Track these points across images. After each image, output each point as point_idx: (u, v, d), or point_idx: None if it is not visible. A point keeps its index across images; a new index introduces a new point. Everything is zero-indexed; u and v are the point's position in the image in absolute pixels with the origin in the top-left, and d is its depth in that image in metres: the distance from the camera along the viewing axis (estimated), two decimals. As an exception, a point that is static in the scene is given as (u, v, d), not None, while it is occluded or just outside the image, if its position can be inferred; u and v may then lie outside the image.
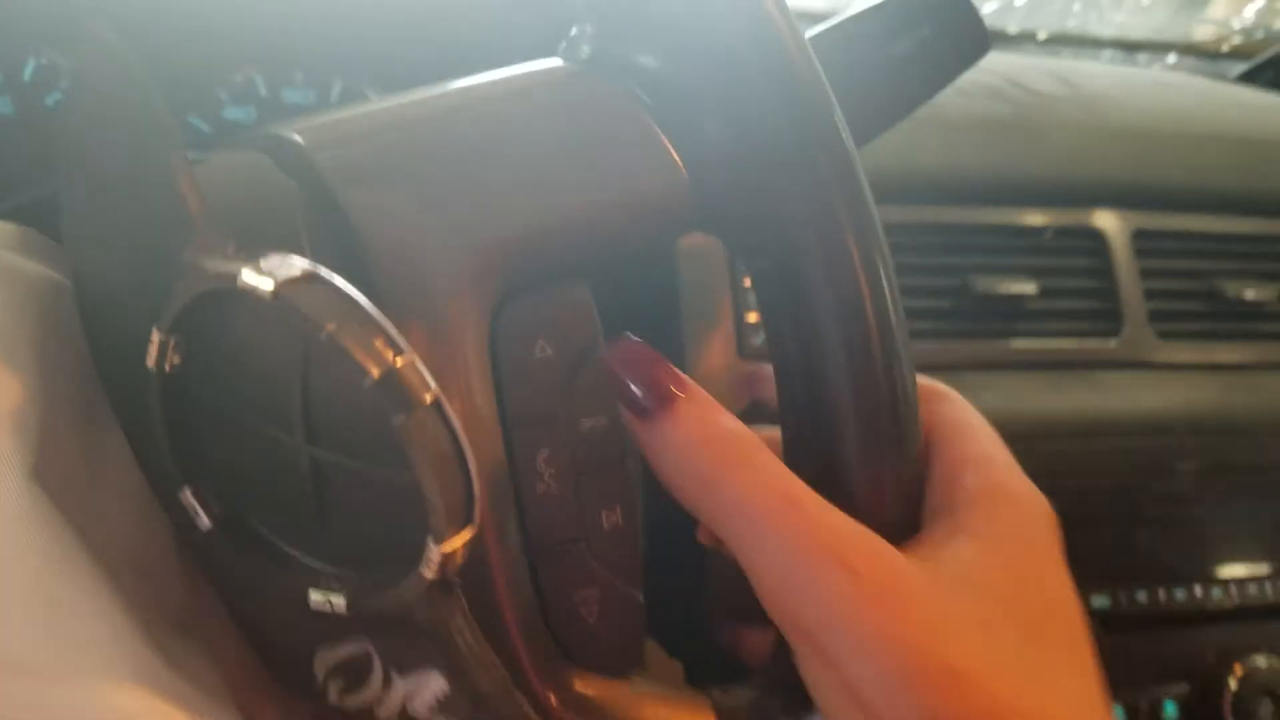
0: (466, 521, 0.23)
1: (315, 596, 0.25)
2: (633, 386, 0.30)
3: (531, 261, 0.30)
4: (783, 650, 0.31)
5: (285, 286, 0.22)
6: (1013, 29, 1.06)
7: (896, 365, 0.30)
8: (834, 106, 0.30)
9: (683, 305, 0.54)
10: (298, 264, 0.23)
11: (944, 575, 0.28)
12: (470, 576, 0.26)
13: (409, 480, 0.23)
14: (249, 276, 0.22)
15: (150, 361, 0.24)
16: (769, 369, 0.33)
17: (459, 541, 0.23)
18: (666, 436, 0.29)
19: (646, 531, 0.34)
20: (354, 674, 0.26)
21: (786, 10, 0.30)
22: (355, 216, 0.28)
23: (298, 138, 0.30)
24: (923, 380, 0.34)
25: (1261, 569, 0.60)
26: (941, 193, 0.64)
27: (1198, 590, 0.58)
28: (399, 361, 0.22)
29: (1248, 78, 0.92)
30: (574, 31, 0.34)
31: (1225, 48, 1.05)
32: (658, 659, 0.43)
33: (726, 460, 0.28)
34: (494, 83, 0.33)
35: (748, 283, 0.56)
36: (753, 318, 0.55)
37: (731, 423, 0.29)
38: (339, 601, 0.24)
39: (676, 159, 0.31)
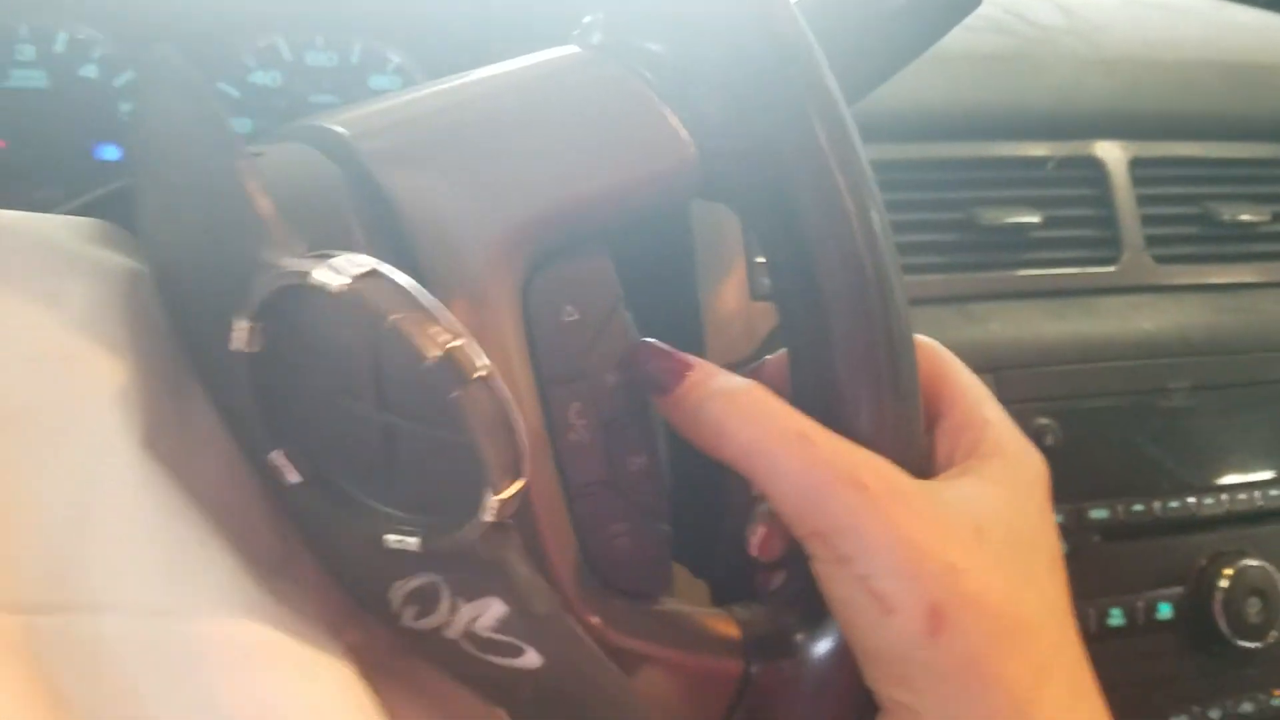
0: (517, 474, 0.27)
1: (391, 539, 0.29)
2: (652, 373, 0.33)
3: (556, 234, 0.33)
4: (795, 572, 0.35)
5: (354, 283, 0.26)
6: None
7: (893, 308, 0.33)
8: (827, 75, 0.33)
9: (696, 255, 0.57)
10: (364, 261, 0.26)
11: (944, 495, 0.32)
12: (517, 515, 0.30)
13: (467, 441, 0.26)
14: (321, 274, 0.26)
15: (237, 345, 0.28)
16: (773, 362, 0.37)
17: (511, 490, 0.27)
18: (681, 402, 0.32)
19: (672, 470, 0.38)
20: (425, 601, 0.30)
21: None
22: (397, 199, 0.32)
23: (341, 129, 0.33)
24: (921, 340, 0.37)
25: (1250, 478, 0.64)
26: (946, 128, 0.67)
27: (1190, 500, 0.62)
28: (453, 344, 0.26)
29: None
30: (586, 20, 0.37)
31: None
32: (686, 582, 0.47)
33: (735, 409, 0.32)
34: (515, 71, 0.36)
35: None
36: (762, 259, 0.59)
37: (734, 379, 0.33)
38: (412, 542, 0.28)
39: (683, 133, 0.34)
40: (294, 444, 0.29)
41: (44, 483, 0.27)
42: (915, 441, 0.35)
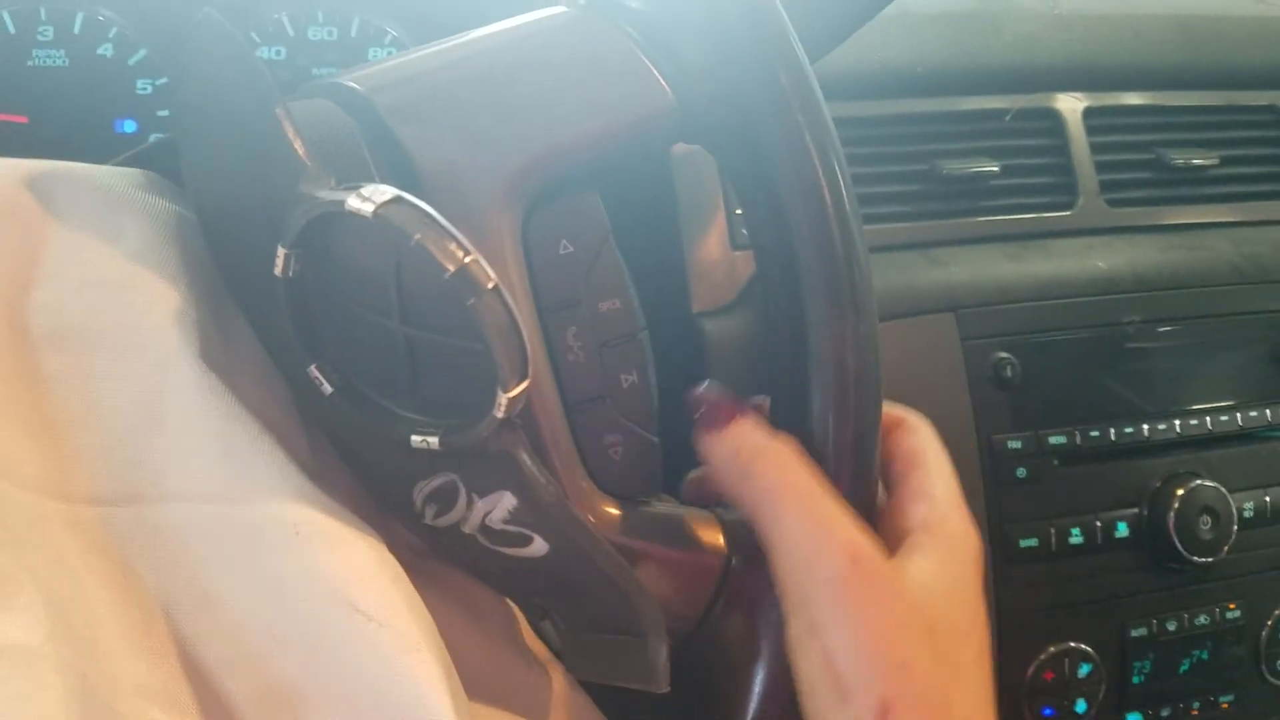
0: (524, 375, 0.31)
1: (415, 439, 0.33)
2: (710, 411, 0.37)
3: (550, 175, 0.37)
4: None
5: (382, 208, 0.30)
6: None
7: (851, 239, 0.37)
8: (789, 27, 0.37)
9: (680, 208, 0.61)
10: (389, 190, 0.30)
11: (909, 586, 0.35)
12: (523, 426, 0.34)
13: (480, 347, 0.31)
14: (354, 202, 0.30)
15: (278, 271, 0.32)
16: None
17: (519, 389, 0.31)
18: (724, 438, 0.36)
19: (662, 391, 0.42)
20: (444, 499, 0.35)
21: None
22: (408, 147, 0.36)
23: (356, 85, 0.37)
24: (891, 409, 0.41)
25: (1201, 405, 0.68)
26: (909, 85, 0.71)
27: (1144, 426, 0.66)
28: (468, 259, 0.30)
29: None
30: None
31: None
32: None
33: (769, 455, 0.36)
34: (509, 30, 0.40)
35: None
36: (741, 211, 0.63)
37: (775, 434, 0.36)
38: (433, 441, 0.33)
39: (663, 83, 0.38)
40: (327, 359, 0.34)
41: (114, 391, 0.31)
42: (875, 360, 0.38)
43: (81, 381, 0.31)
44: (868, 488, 0.38)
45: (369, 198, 0.30)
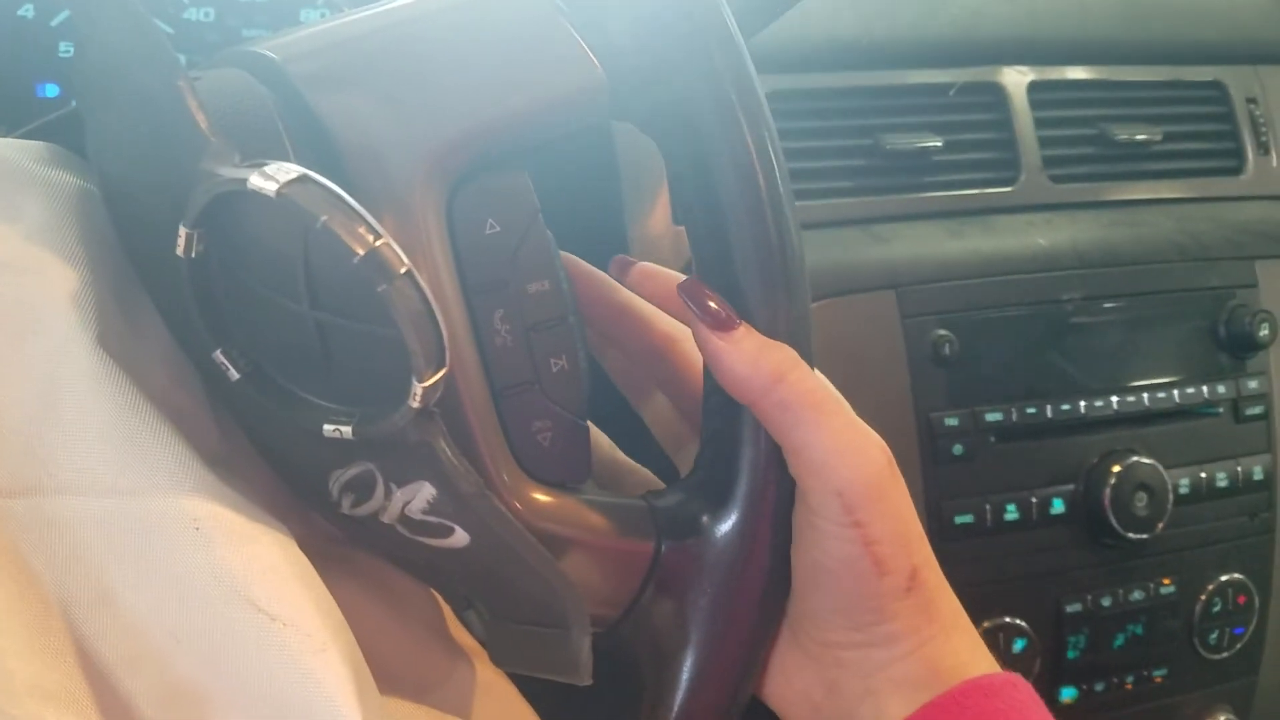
0: (440, 364, 0.30)
1: (327, 428, 0.31)
2: (712, 305, 0.36)
3: (476, 152, 0.36)
4: (702, 460, 0.39)
5: (286, 187, 0.28)
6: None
7: (783, 218, 0.36)
8: (722, 2, 0.36)
9: (622, 183, 0.60)
10: (293, 169, 0.29)
11: None
12: (447, 413, 0.33)
13: (394, 334, 0.29)
14: (256, 180, 0.29)
15: (180, 251, 0.30)
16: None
17: (435, 378, 0.30)
18: (741, 344, 0.36)
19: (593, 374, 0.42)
20: (361, 489, 0.34)
21: None
22: (326, 120, 0.34)
23: (271, 54, 0.35)
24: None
25: (1138, 382, 0.68)
26: (853, 58, 0.70)
27: (1082, 403, 0.66)
28: (378, 243, 0.28)
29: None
30: None
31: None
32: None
33: (790, 363, 0.36)
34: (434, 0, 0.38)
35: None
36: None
37: (781, 344, 0.37)
38: (346, 431, 0.31)
39: (592, 58, 0.37)
40: (234, 343, 0.32)
41: (10, 379, 0.30)
42: (807, 343, 0.38)
43: None
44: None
45: (273, 176, 0.29)
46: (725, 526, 0.38)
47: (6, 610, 0.28)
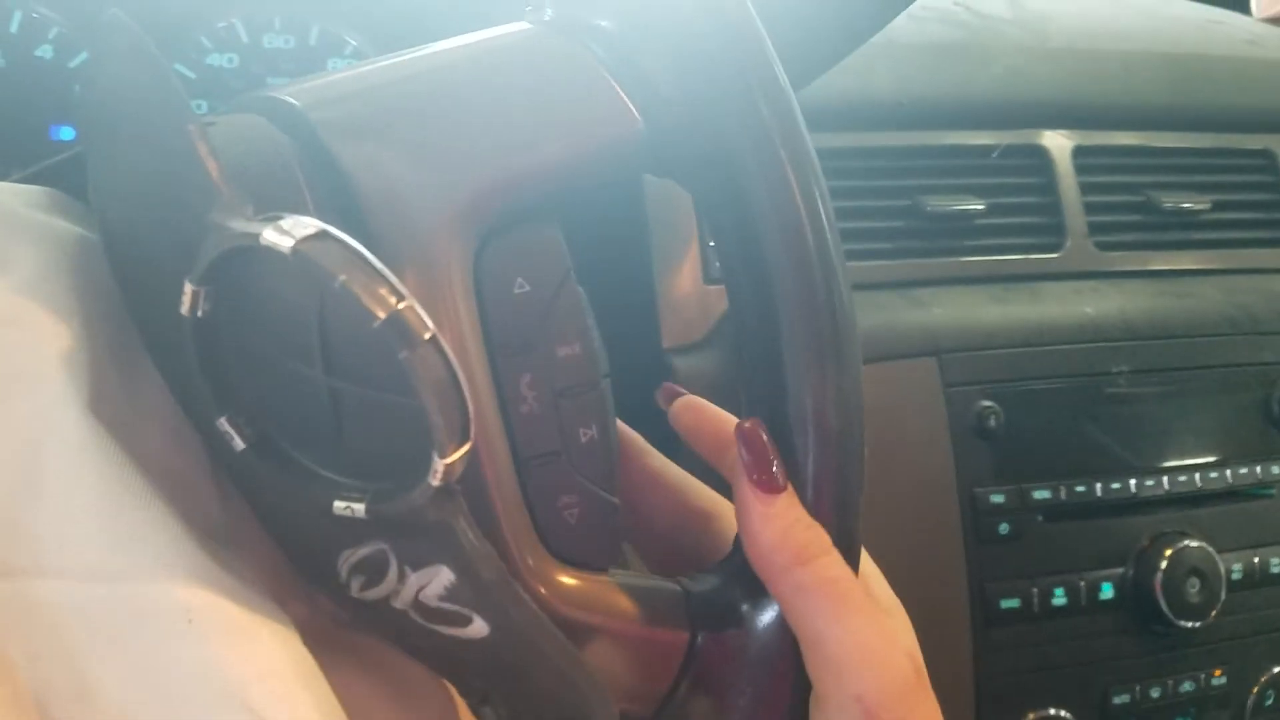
0: (464, 438, 0.27)
1: (338, 505, 0.29)
2: (771, 463, 0.34)
3: (507, 205, 0.33)
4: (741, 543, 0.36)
5: (302, 244, 0.26)
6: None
7: (835, 282, 0.34)
8: (771, 53, 0.34)
9: (652, 239, 0.58)
10: (311, 224, 0.26)
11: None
12: (467, 486, 0.30)
13: (414, 404, 0.27)
14: (270, 235, 0.26)
15: (184, 309, 0.28)
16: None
17: (458, 454, 0.27)
18: (777, 509, 0.33)
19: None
20: (373, 571, 0.31)
21: None
22: (348, 169, 0.32)
23: (293, 100, 0.33)
24: None
25: (1189, 461, 0.65)
26: (893, 118, 0.68)
27: (1132, 482, 0.63)
28: (401, 305, 0.26)
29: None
30: None
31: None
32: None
33: (820, 548, 0.33)
34: (466, 45, 0.36)
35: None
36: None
37: (814, 523, 0.34)
38: (359, 508, 0.28)
39: (631, 107, 0.35)
40: (241, 410, 0.29)
41: None
42: (858, 417, 0.35)
43: None
44: (854, 559, 0.35)
45: (288, 231, 0.26)
46: (768, 616, 0.35)
47: None
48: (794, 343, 0.34)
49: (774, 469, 0.33)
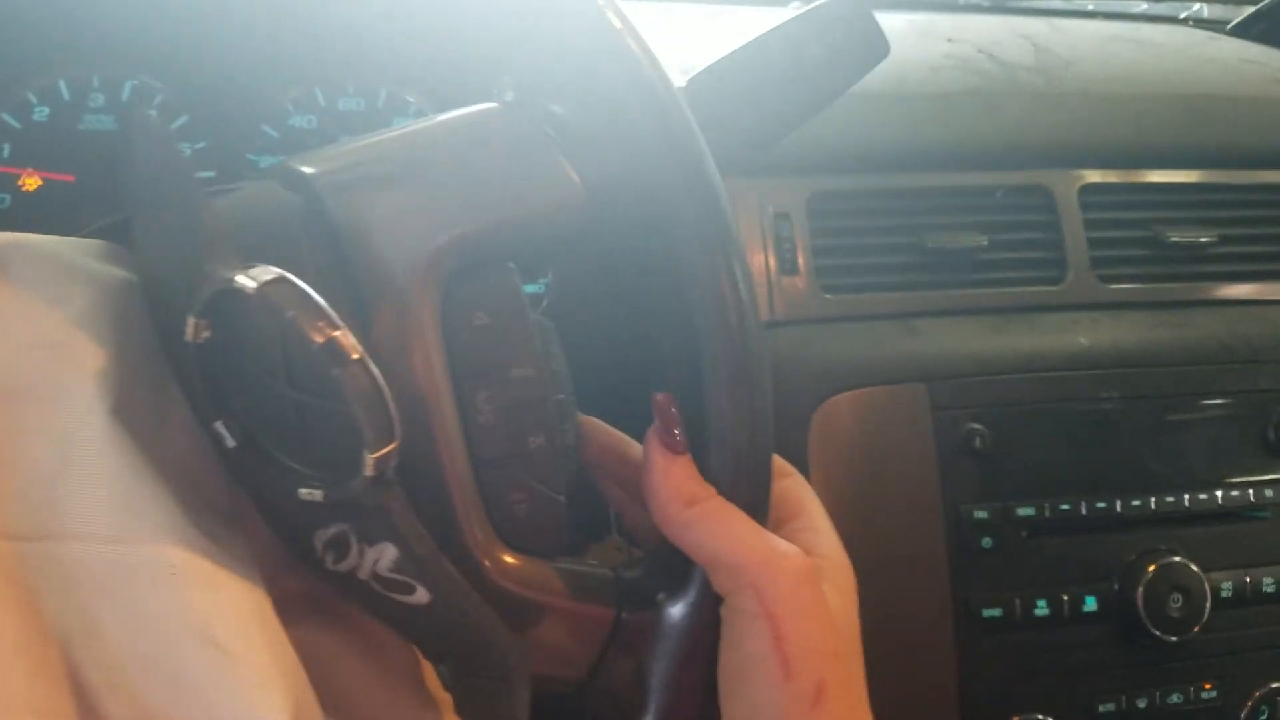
0: (390, 438, 0.35)
1: (303, 492, 0.37)
2: (675, 432, 0.40)
3: (470, 254, 0.41)
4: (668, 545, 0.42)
5: (264, 286, 0.34)
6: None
7: (754, 354, 0.40)
8: (701, 148, 0.40)
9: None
10: (274, 271, 0.34)
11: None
12: (428, 482, 0.38)
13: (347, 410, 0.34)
14: (241, 279, 0.34)
15: (188, 336, 0.36)
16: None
17: (385, 450, 0.35)
18: (676, 466, 0.40)
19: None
20: (339, 547, 0.38)
21: (663, 74, 0.40)
22: (338, 222, 0.40)
23: (301, 167, 0.41)
24: (786, 466, 0.45)
25: (1180, 481, 0.68)
26: (901, 161, 0.73)
27: (1117, 501, 0.66)
28: (335, 333, 0.34)
29: (1239, 30, 0.97)
30: (505, 79, 0.45)
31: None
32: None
33: (705, 493, 0.39)
34: (444, 121, 0.44)
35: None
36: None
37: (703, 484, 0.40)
38: (317, 495, 0.36)
39: (574, 177, 0.42)
40: (232, 415, 0.38)
41: (34, 441, 0.36)
42: (767, 435, 0.41)
43: (11, 431, 0.36)
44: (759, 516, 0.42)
45: (255, 277, 0.34)
46: (677, 611, 0.41)
47: (14, 638, 0.34)
48: (716, 384, 0.40)
49: (676, 434, 0.40)
